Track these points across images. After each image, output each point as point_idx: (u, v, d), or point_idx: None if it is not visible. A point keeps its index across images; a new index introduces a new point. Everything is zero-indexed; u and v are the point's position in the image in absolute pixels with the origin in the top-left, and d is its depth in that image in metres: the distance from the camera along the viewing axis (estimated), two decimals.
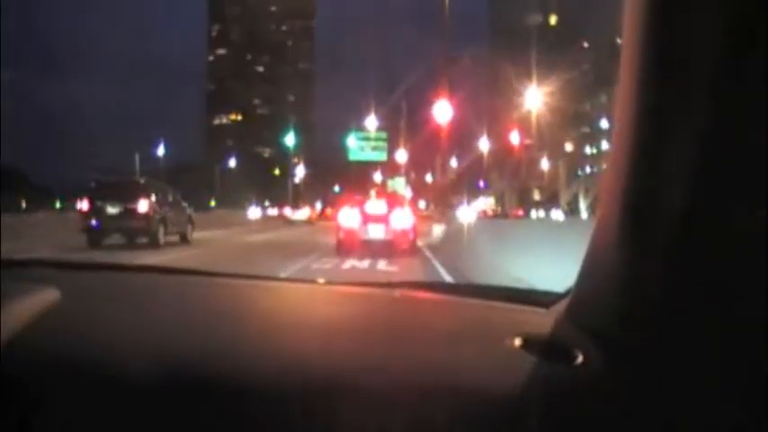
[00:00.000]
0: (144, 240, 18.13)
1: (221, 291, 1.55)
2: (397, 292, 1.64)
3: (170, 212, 19.45)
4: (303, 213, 51.56)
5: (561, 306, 1.13)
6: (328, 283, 1.93)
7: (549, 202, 66.20)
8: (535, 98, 43.89)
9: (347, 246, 16.54)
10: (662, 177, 0.81)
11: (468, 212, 28.89)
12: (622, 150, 0.87)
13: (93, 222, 17.67)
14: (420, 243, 18.26)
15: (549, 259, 6.04)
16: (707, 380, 0.77)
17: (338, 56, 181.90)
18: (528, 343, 1.00)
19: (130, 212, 17.79)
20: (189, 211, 21.73)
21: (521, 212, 69.52)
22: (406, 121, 56.38)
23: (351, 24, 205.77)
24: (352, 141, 58.78)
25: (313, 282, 1.96)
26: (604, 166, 1.02)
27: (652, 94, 0.82)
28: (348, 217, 17.26)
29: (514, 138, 57.02)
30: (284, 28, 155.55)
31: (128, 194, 18.07)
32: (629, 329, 0.86)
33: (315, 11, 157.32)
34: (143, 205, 17.93)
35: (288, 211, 54.17)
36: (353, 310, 1.35)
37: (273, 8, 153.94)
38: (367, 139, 59.00)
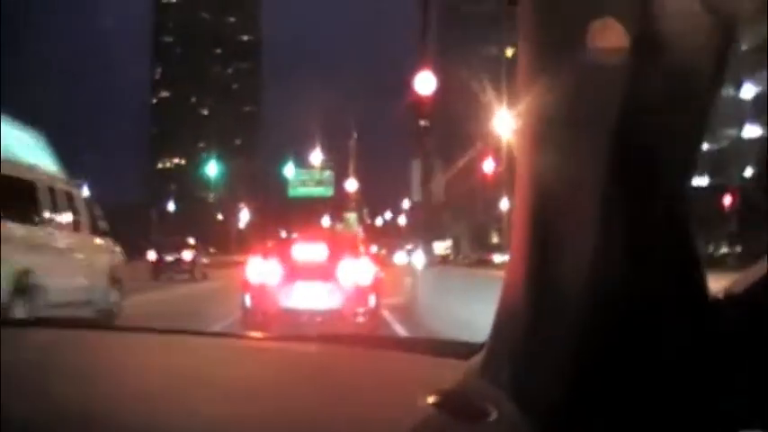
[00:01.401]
0: (186, 276, 27.89)
1: (135, 346, 1.56)
2: (313, 347, 1.66)
3: (199, 259, 30.63)
4: None
5: (477, 359, 1.13)
6: (242, 336, 2.08)
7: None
8: (505, 121, 38.88)
9: (258, 321, 9.64)
10: (571, 227, 0.83)
11: (422, 258, 25.01)
12: (528, 201, 0.89)
13: (159, 265, 28.84)
14: (384, 312, 11.55)
15: None
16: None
17: (285, 96, 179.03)
18: (442, 400, 0.99)
19: (180, 260, 29.05)
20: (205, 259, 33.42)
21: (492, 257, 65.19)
22: (355, 151, 51.12)
23: (297, 62, 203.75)
24: (290, 172, 52.56)
25: (226, 335, 2.15)
26: None
27: (553, 138, 0.85)
28: (261, 270, 10.01)
29: (488, 166, 51.91)
30: (230, 71, 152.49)
31: (179, 248, 29.55)
32: (540, 383, 0.87)
33: (261, 53, 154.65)
34: (187, 255, 29.45)
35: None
36: (263, 367, 1.35)
37: (219, 50, 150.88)
38: (310, 173, 53.03)
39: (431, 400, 0.98)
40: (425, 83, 23.26)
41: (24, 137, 10.37)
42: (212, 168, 55.20)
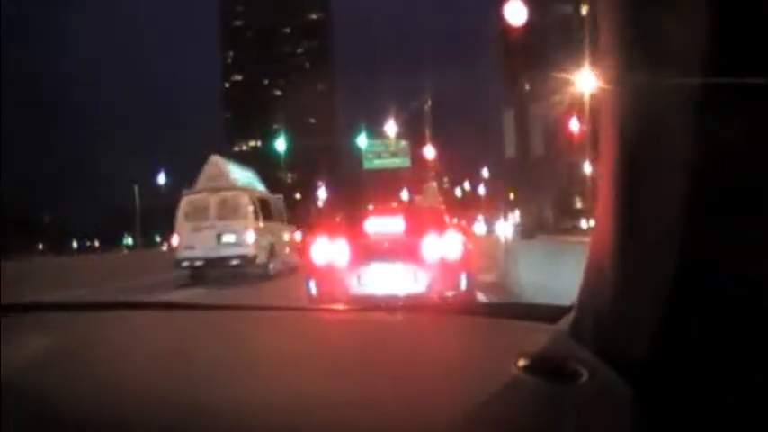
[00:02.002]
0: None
1: (217, 324, 1.55)
2: (399, 316, 1.66)
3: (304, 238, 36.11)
4: None
5: (566, 322, 1.14)
6: (325, 309, 2.03)
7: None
8: (588, 78, 35.70)
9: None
10: (656, 189, 0.82)
11: (509, 227, 23.29)
12: (614, 165, 0.88)
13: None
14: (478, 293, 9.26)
15: None
16: (714, 393, 0.77)
17: (357, 71, 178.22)
18: (532, 363, 0.98)
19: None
20: None
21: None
22: (431, 117, 47.95)
23: (367, 34, 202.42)
24: (363, 142, 49.83)
25: (308, 308, 2.15)
26: None
27: (640, 104, 0.83)
28: (328, 251, 8.19)
29: (573, 126, 48.57)
30: (300, 50, 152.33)
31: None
32: (632, 344, 0.86)
33: (330, 29, 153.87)
34: (298, 236, 29.01)
35: None
36: (351, 339, 1.34)
37: (288, 30, 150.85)
38: (385, 144, 50.04)
39: (521, 363, 0.97)
40: (516, 12, 20.56)
41: (250, 174, 21.40)
42: (281, 144, 54.85)
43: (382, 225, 8.67)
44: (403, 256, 8.02)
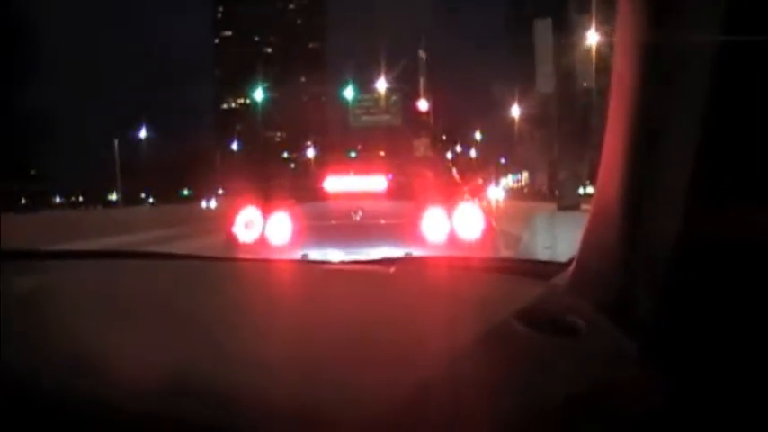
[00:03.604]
0: None
1: (208, 274, 1.54)
2: (392, 269, 1.66)
3: None
4: None
5: (563, 277, 1.14)
6: (316, 262, 2.13)
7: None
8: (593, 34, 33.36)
9: None
10: (667, 143, 0.81)
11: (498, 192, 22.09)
12: (620, 121, 0.88)
13: None
14: None
15: None
16: (712, 351, 0.77)
17: (350, 29, 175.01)
18: (529, 316, 0.96)
19: None
20: None
21: None
22: (426, 68, 45.30)
23: None
24: (349, 94, 46.66)
25: (298, 261, 2.18)
26: None
27: (652, 62, 0.82)
28: (259, 225, 5.08)
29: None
30: (292, 6, 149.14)
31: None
32: (632, 300, 0.85)
33: None
34: None
35: None
36: (342, 291, 1.32)
37: None
38: (374, 99, 46.50)
39: (517, 315, 0.95)
40: None
41: None
42: (258, 95, 54.40)
43: (351, 189, 5.66)
44: (387, 235, 5.06)
